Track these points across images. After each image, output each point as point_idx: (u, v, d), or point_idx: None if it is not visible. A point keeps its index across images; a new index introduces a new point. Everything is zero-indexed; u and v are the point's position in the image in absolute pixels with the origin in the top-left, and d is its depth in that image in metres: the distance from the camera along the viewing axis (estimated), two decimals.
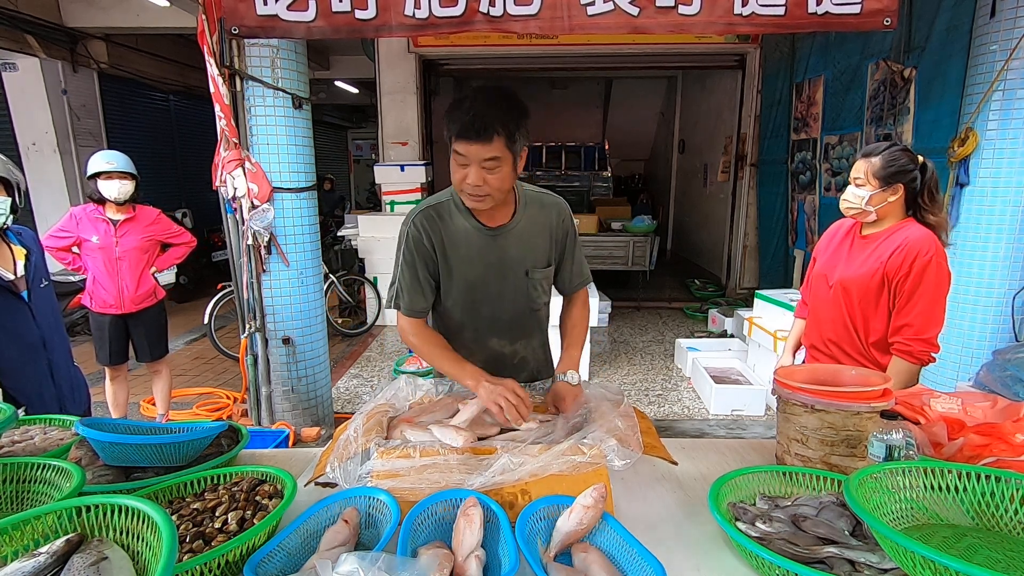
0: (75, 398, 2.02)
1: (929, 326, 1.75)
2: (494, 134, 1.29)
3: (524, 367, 1.71)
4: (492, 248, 1.53)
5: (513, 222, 1.53)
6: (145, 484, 1.13)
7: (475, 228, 1.51)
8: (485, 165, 1.33)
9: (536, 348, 1.73)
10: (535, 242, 1.57)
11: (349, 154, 14.18)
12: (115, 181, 3.17)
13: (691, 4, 2.46)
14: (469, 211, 1.50)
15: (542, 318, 1.71)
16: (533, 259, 1.57)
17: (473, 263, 1.53)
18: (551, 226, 1.58)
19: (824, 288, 1.97)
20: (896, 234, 1.79)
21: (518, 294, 1.59)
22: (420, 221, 1.50)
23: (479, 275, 1.55)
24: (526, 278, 1.58)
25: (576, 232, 1.66)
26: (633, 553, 0.96)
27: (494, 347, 1.65)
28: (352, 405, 4.26)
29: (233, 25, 2.58)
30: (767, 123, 6.62)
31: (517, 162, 1.39)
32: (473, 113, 1.29)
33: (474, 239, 1.51)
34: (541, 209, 1.57)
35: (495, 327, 1.63)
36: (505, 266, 1.55)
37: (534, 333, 1.70)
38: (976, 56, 2.96)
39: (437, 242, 1.51)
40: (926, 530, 0.97)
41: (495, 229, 1.52)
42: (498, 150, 1.31)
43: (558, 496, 1.10)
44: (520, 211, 1.54)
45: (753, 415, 3.96)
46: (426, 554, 0.94)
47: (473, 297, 1.58)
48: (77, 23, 5.92)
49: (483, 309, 1.60)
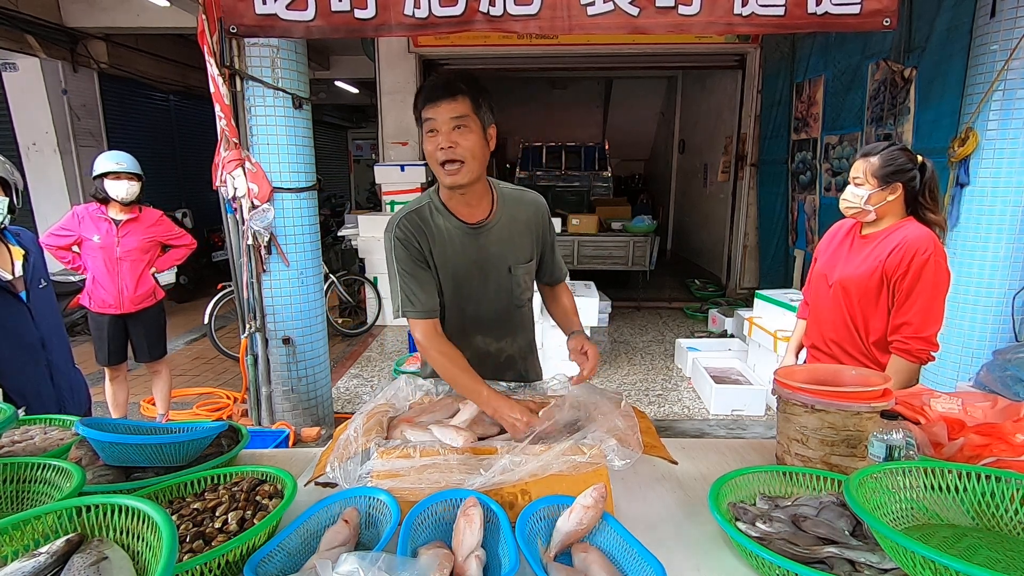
0: (75, 398, 2.02)
1: (928, 324, 1.74)
2: (458, 93, 1.36)
3: (511, 366, 1.71)
4: (474, 245, 1.54)
5: (493, 219, 1.54)
6: (145, 484, 1.13)
7: (456, 227, 1.52)
8: (455, 124, 1.37)
9: (522, 346, 1.74)
10: (516, 238, 1.58)
11: (349, 154, 14.18)
12: (123, 181, 3.19)
13: (691, 4, 2.46)
14: (449, 210, 1.51)
15: (526, 315, 1.72)
16: (515, 255, 1.59)
17: (456, 261, 1.54)
18: (531, 222, 1.61)
19: (824, 288, 1.97)
20: (895, 233, 1.80)
21: (501, 291, 1.61)
22: (404, 224, 1.51)
23: (463, 273, 1.56)
24: (509, 274, 1.59)
25: (552, 227, 1.69)
26: (633, 553, 0.96)
27: (479, 345, 1.65)
28: (352, 405, 4.26)
29: (232, 24, 2.59)
30: (767, 123, 6.62)
31: (487, 135, 1.42)
32: (435, 80, 1.39)
33: (456, 237, 1.52)
34: (520, 205, 1.60)
35: (479, 325, 1.64)
36: (488, 263, 1.56)
37: (518, 331, 1.71)
38: (976, 56, 2.96)
39: (423, 242, 1.51)
40: (926, 530, 0.97)
41: (475, 226, 1.53)
42: (464, 109, 1.36)
43: (558, 496, 1.10)
44: (499, 208, 1.56)
45: (753, 415, 3.96)
46: (426, 554, 0.94)
47: (458, 295, 1.58)
48: (77, 23, 5.93)
49: (467, 307, 1.60)
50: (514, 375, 1.71)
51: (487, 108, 1.41)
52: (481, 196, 1.53)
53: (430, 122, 1.38)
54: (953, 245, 3.12)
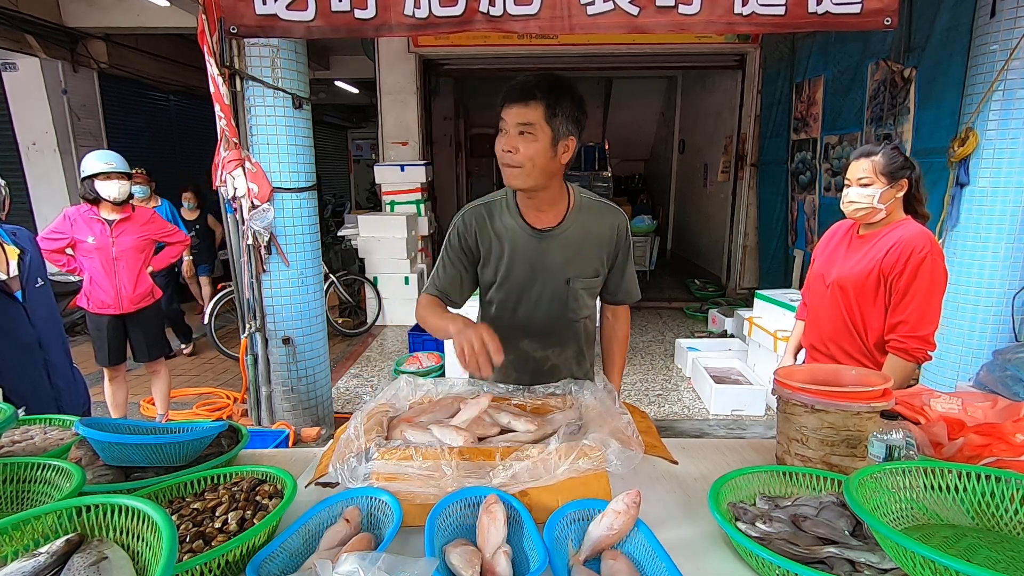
0: (73, 398, 2.01)
1: (924, 323, 1.74)
2: (531, 99, 1.33)
3: (555, 374, 1.63)
4: (535, 250, 1.51)
5: (562, 227, 1.50)
6: (145, 484, 1.13)
7: (520, 228, 1.50)
8: (521, 130, 1.35)
9: (569, 358, 1.67)
10: (583, 250, 1.53)
11: (349, 154, 14.17)
12: (114, 181, 3.17)
13: (691, 4, 2.46)
14: (519, 210, 1.50)
15: (580, 330, 1.66)
16: (578, 268, 1.53)
17: (513, 263, 1.52)
18: (606, 237, 1.54)
19: (822, 288, 1.97)
20: (892, 232, 1.80)
21: (556, 301, 1.56)
22: (469, 217, 1.53)
23: (518, 276, 1.53)
24: (566, 286, 1.54)
25: (630, 247, 1.62)
26: (661, 567, 0.94)
27: (525, 348, 1.62)
28: (352, 405, 4.26)
29: (232, 24, 2.58)
30: (767, 123, 6.62)
31: (558, 144, 1.38)
32: (521, 81, 1.35)
33: (518, 239, 1.50)
34: (597, 217, 1.54)
35: (528, 329, 1.60)
36: (546, 271, 1.52)
37: (569, 343, 1.65)
38: (976, 56, 2.96)
39: (483, 238, 1.52)
40: (926, 530, 0.97)
41: (541, 231, 1.50)
42: (534, 116, 1.33)
43: (590, 500, 1.09)
44: (572, 216, 1.51)
45: (753, 415, 3.96)
46: (454, 551, 0.94)
47: (510, 296, 1.57)
48: (77, 23, 5.92)
49: (519, 309, 1.58)
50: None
51: (567, 118, 1.36)
52: (552, 203, 1.50)
53: (502, 122, 1.38)
54: (953, 245, 3.12)
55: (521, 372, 1.61)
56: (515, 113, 1.34)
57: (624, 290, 1.66)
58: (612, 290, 1.66)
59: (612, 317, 1.74)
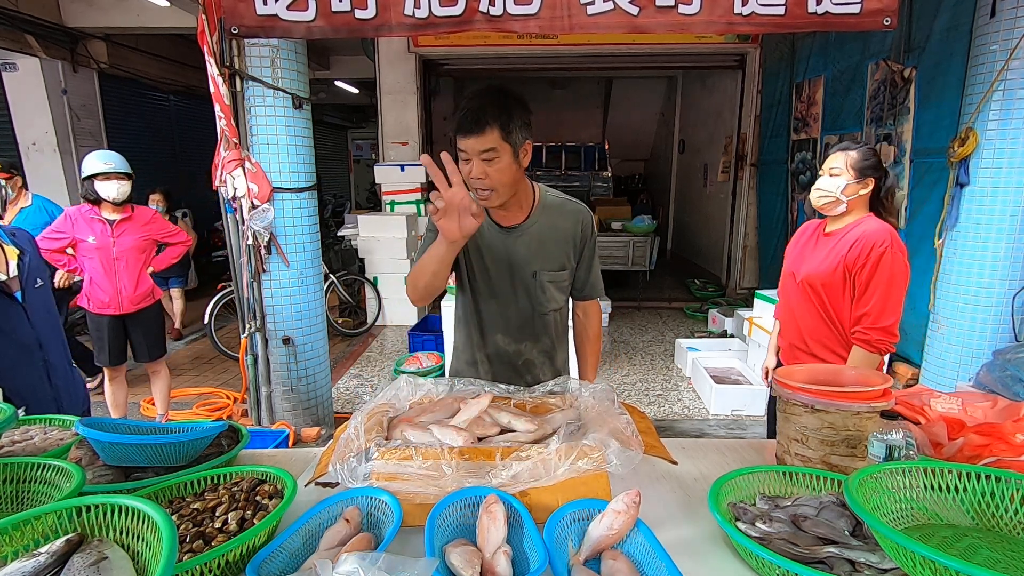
0: (73, 399, 2.01)
1: (885, 315, 1.79)
2: (486, 126, 1.35)
3: (529, 369, 1.72)
4: (503, 246, 1.57)
5: (527, 223, 1.57)
6: (145, 484, 1.13)
7: (488, 225, 1.56)
8: (484, 157, 1.38)
9: (542, 352, 1.73)
10: (549, 246, 1.59)
11: (349, 154, 14.18)
12: (113, 182, 3.17)
13: (691, 3, 2.46)
14: (487, 211, 1.55)
15: (550, 322, 1.71)
16: (543, 262, 1.59)
17: (484, 258, 1.59)
18: (571, 232, 1.61)
19: (792, 285, 2.03)
20: (855, 228, 1.86)
21: (524, 295, 1.62)
22: None
23: (489, 271, 1.60)
24: (533, 280, 1.60)
25: (595, 243, 1.68)
26: (661, 567, 0.94)
27: (499, 343, 1.68)
28: (352, 405, 4.26)
29: (232, 25, 2.58)
30: (767, 123, 6.62)
31: (519, 155, 1.43)
32: (467, 109, 1.37)
33: (487, 235, 1.57)
34: (561, 213, 1.60)
35: (501, 324, 1.66)
36: (513, 265, 1.59)
37: (540, 336, 1.70)
38: (976, 56, 2.96)
39: None
40: (926, 530, 0.97)
41: (508, 228, 1.57)
42: (493, 141, 1.37)
43: (590, 500, 1.09)
44: (537, 213, 1.58)
45: (753, 415, 3.96)
46: (454, 551, 0.94)
47: (486, 291, 1.63)
48: (77, 23, 5.92)
49: (492, 304, 1.64)
50: (532, 379, 1.71)
51: (518, 127, 1.40)
52: (518, 203, 1.56)
53: (462, 152, 1.41)
54: (953, 245, 3.12)
55: (498, 369, 1.69)
56: (474, 143, 1.37)
57: (591, 284, 1.72)
58: (579, 286, 1.72)
59: (583, 315, 1.79)
